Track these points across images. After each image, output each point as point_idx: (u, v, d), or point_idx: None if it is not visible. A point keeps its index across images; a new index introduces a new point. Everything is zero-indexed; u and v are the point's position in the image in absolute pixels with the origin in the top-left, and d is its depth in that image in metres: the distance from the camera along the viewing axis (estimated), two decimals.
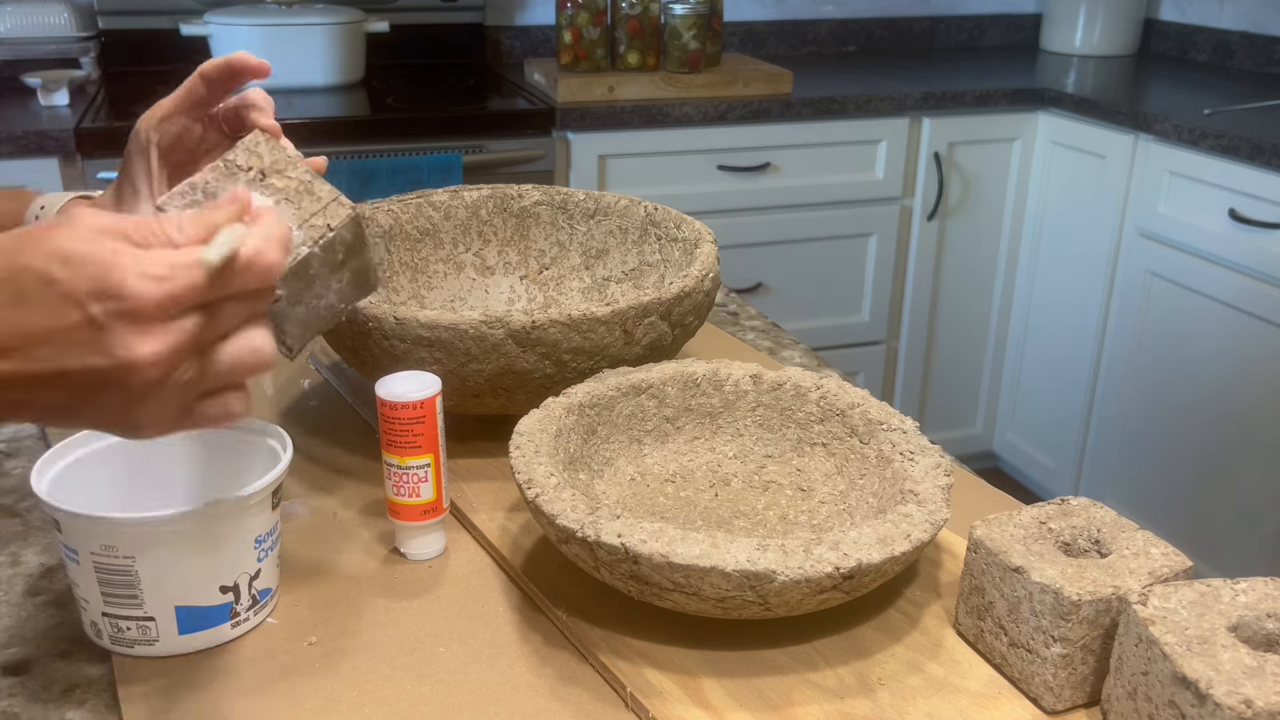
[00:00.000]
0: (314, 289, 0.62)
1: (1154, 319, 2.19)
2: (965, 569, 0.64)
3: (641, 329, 0.79)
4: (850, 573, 0.59)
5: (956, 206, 2.43)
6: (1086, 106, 2.28)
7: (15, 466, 0.85)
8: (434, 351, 0.76)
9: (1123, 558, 0.59)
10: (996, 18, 2.97)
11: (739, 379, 0.80)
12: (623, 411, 0.77)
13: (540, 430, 0.70)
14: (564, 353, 0.77)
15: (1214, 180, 2.02)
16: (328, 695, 0.60)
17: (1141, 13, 2.79)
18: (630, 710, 0.60)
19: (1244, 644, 0.52)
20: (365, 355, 0.79)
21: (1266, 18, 2.59)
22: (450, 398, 0.79)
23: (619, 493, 0.74)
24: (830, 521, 0.72)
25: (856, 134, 2.30)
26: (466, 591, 0.69)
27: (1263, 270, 1.94)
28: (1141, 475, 2.27)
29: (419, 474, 0.70)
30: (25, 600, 0.69)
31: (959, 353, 2.58)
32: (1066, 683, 0.58)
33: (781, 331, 1.12)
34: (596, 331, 0.77)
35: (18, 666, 0.63)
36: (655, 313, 0.79)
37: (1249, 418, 2.01)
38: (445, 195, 0.99)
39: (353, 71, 2.26)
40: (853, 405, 0.76)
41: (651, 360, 0.82)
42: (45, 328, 0.46)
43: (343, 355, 0.82)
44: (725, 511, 0.74)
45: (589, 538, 0.60)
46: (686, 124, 2.18)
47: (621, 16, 2.23)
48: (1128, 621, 0.55)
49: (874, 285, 2.44)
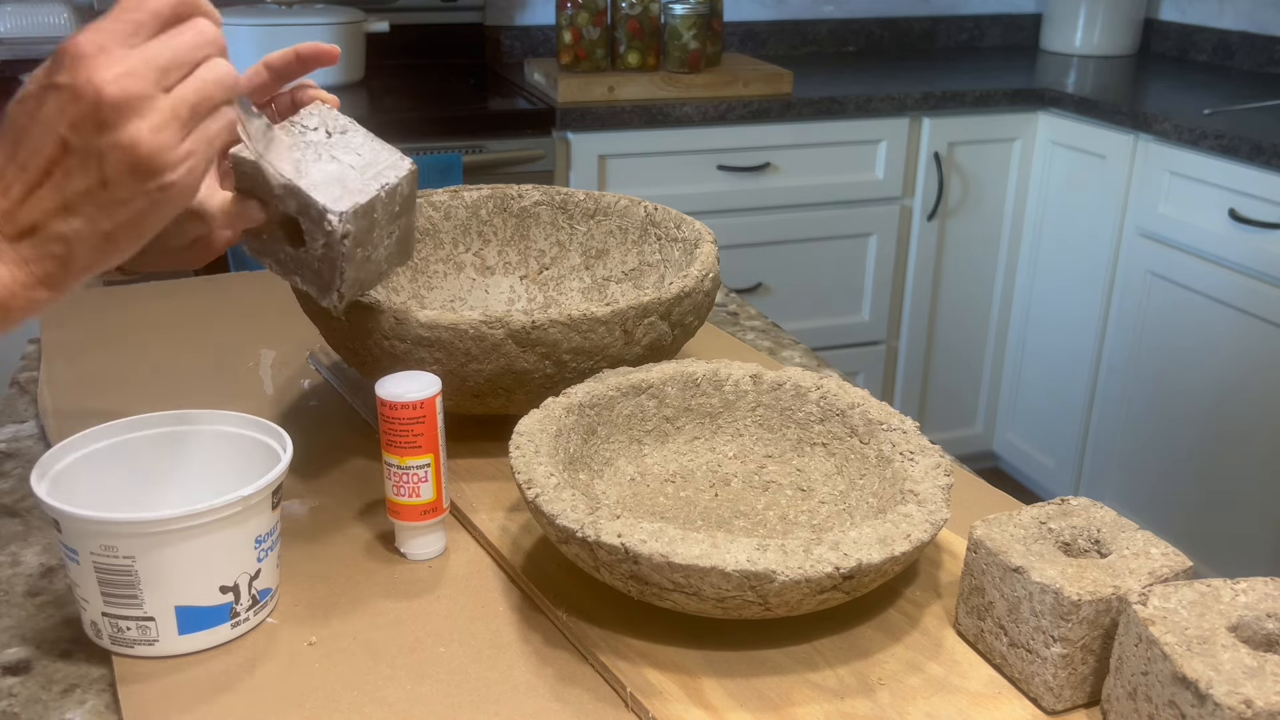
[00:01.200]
0: (372, 237, 0.69)
1: (1154, 319, 2.19)
2: (965, 569, 0.64)
3: (641, 329, 0.79)
4: (850, 573, 0.59)
5: (956, 206, 2.43)
6: (1086, 106, 2.28)
7: (15, 467, 0.85)
8: (434, 351, 0.76)
9: (1123, 558, 0.59)
10: (997, 18, 2.97)
11: (739, 379, 0.80)
12: (623, 411, 0.77)
13: (540, 430, 0.70)
14: (564, 353, 0.77)
15: (1214, 180, 2.02)
16: (328, 695, 0.60)
17: (1141, 13, 2.79)
18: (630, 710, 0.60)
19: (1244, 644, 0.52)
20: (365, 355, 0.79)
21: (1266, 18, 2.59)
22: (450, 398, 0.79)
23: (619, 493, 0.74)
24: (830, 521, 0.72)
25: (856, 134, 2.30)
26: (466, 591, 0.69)
27: (1263, 270, 1.94)
28: (1141, 475, 2.27)
29: (419, 474, 0.70)
30: (25, 600, 0.69)
31: (959, 353, 2.58)
32: (1066, 683, 0.58)
33: (781, 331, 1.12)
34: (596, 331, 0.77)
35: (18, 666, 0.63)
36: (655, 313, 0.79)
37: (1249, 418, 2.01)
38: (445, 195, 0.99)
39: (353, 71, 2.26)
40: (853, 405, 0.76)
41: (651, 360, 0.82)
42: (26, 127, 0.54)
43: (343, 355, 0.82)
44: (725, 511, 0.74)
45: (589, 538, 0.60)
46: (686, 124, 2.18)
47: (621, 16, 2.23)
48: (1128, 621, 0.55)
49: (874, 285, 2.44)
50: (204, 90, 0.57)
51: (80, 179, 0.54)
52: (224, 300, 1.16)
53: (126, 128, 0.54)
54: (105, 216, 0.56)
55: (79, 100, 0.53)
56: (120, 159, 0.54)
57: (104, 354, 1.02)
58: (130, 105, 0.54)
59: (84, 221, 0.55)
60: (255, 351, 1.03)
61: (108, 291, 1.18)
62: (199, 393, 0.95)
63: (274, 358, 1.02)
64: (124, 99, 0.53)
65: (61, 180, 0.55)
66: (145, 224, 0.57)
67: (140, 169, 0.55)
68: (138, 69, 0.54)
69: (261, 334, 1.07)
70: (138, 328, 1.08)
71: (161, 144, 0.55)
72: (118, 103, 0.53)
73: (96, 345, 1.04)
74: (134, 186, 0.55)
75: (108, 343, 1.05)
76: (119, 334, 1.07)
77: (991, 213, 2.47)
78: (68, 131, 0.54)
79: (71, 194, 0.55)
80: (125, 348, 1.04)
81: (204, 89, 0.57)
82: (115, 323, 1.09)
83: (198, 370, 0.99)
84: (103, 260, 0.58)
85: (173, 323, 1.10)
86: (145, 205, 0.56)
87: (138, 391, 0.95)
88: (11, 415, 0.93)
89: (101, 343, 1.05)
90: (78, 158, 0.54)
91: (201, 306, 1.14)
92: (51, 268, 0.56)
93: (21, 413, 0.94)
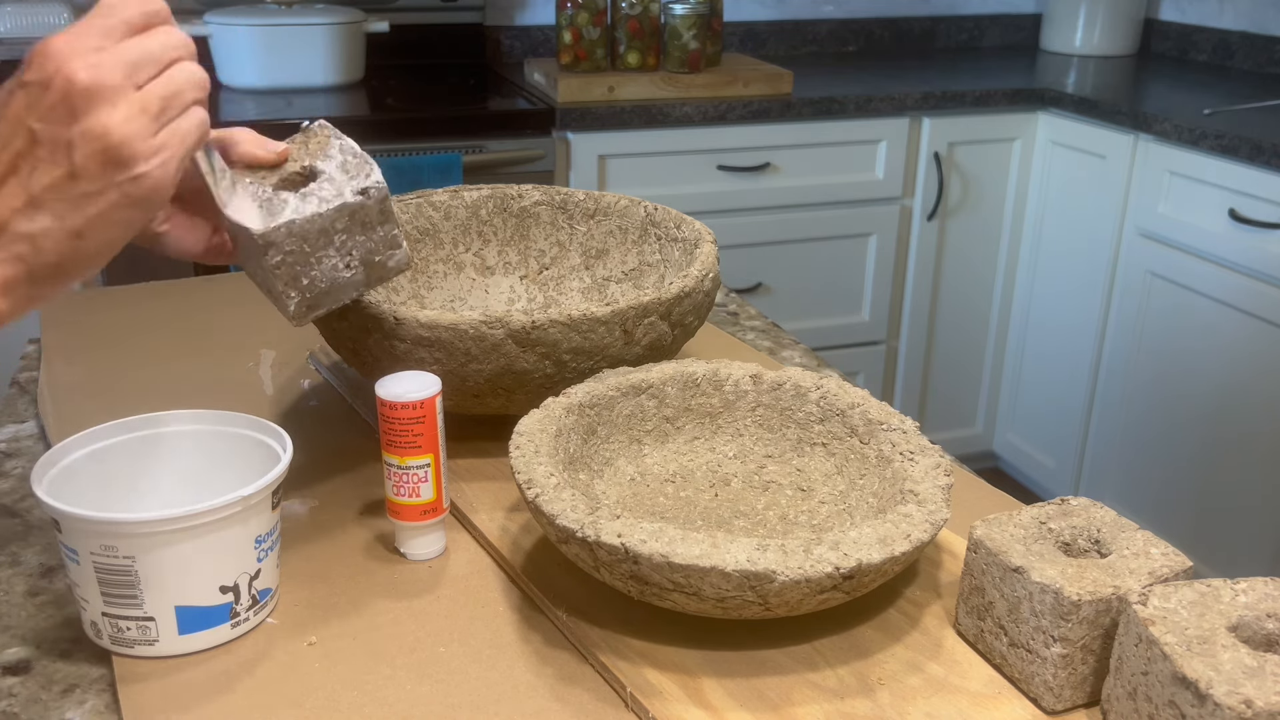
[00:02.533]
0: (318, 256, 0.69)
1: (1154, 319, 2.19)
2: (965, 569, 0.64)
3: (641, 329, 0.79)
4: (850, 573, 0.59)
5: (956, 206, 2.43)
6: (1086, 106, 2.28)
7: (15, 467, 0.85)
8: (434, 351, 0.76)
9: (1123, 558, 0.59)
10: (996, 18, 2.97)
11: (739, 379, 0.80)
12: (623, 411, 0.77)
13: (540, 430, 0.70)
14: (564, 352, 0.77)
15: (1214, 180, 2.02)
16: (328, 695, 0.60)
17: (1141, 13, 2.79)
18: (630, 710, 0.60)
19: (1244, 644, 0.52)
20: (365, 355, 0.79)
21: (1266, 17, 2.59)
22: (450, 398, 0.79)
23: (619, 493, 0.74)
24: (830, 521, 0.72)
25: (856, 134, 2.30)
26: (466, 591, 0.69)
27: (1263, 270, 1.94)
28: (1141, 475, 2.27)
29: (419, 474, 0.70)
30: (25, 600, 0.69)
31: (959, 353, 2.58)
32: (1066, 683, 0.58)
33: (781, 331, 1.12)
34: (596, 331, 0.77)
35: (17, 667, 0.63)
36: (655, 313, 0.79)
37: (1249, 417, 2.01)
38: (445, 195, 0.99)
39: (352, 71, 2.26)
40: (853, 405, 0.76)
41: (651, 360, 0.82)
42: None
43: (343, 355, 0.82)
44: (725, 511, 0.74)
45: (589, 538, 0.60)
46: (686, 124, 2.18)
47: (621, 16, 2.23)
48: (1128, 621, 0.55)
49: (874, 285, 2.44)
50: (174, 86, 0.56)
51: (48, 171, 0.53)
52: (224, 300, 1.16)
53: (97, 114, 0.53)
54: (74, 212, 0.54)
55: (48, 90, 0.53)
56: (90, 148, 0.53)
57: (104, 354, 1.02)
58: (101, 93, 0.53)
59: (51, 218, 0.54)
60: (255, 351, 1.03)
61: (107, 291, 1.18)
62: (199, 393, 0.95)
63: (274, 358, 1.02)
64: (95, 86, 0.53)
65: (28, 175, 0.53)
66: (115, 222, 0.56)
67: (111, 158, 0.53)
68: (108, 61, 0.54)
69: (261, 334, 1.07)
70: (138, 328, 1.08)
71: (132, 133, 0.54)
72: (88, 89, 0.53)
73: (96, 345, 1.04)
74: (104, 178, 0.54)
75: (108, 343, 1.05)
76: (119, 334, 1.07)
77: (991, 213, 2.47)
78: (36, 122, 0.53)
79: (38, 188, 0.53)
80: (125, 348, 1.04)
81: (174, 85, 0.56)
82: (115, 323, 1.09)
83: (198, 370, 0.99)
84: (70, 268, 0.55)
85: (173, 323, 1.10)
86: (116, 199, 0.55)
87: (137, 392, 0.95)
88: (11, 415, 0.94)
89: (101, 343, 1.05)
90: (46, 148, 0.53)
91: (201, 306, 1.14)
92: (14, 271, 0.54)
93: (21, 413, 0.94)
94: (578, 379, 0.78)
